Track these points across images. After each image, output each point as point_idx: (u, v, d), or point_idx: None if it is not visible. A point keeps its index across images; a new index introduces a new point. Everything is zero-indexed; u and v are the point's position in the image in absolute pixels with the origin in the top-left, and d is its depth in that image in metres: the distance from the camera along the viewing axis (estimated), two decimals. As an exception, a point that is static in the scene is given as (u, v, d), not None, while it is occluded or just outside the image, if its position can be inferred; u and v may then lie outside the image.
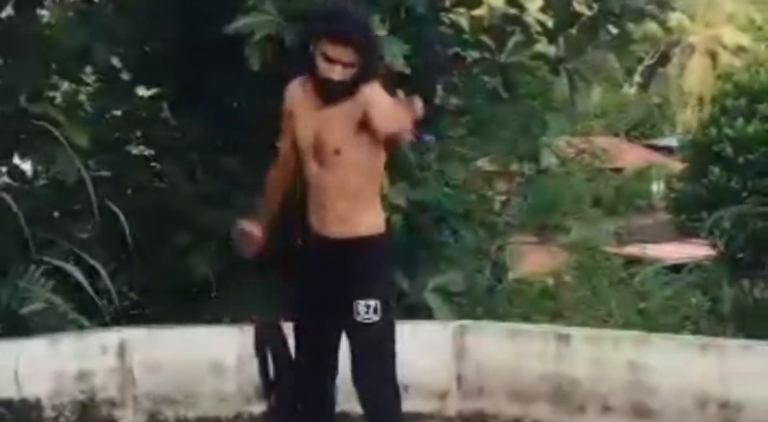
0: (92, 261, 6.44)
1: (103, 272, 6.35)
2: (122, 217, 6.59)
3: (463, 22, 8.36)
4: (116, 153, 8.24)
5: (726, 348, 5.51)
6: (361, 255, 4.02)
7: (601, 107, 33.64)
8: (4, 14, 7.81)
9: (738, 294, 17.68)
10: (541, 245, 16.69)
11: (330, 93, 3.87)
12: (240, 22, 6.36)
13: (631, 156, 32.47)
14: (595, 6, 7.88)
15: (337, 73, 3.82)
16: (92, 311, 6.33)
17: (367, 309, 3.98)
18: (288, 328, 5.12)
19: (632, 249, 20.62)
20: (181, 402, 5.62)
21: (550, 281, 15.35)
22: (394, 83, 6.98)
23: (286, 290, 4.24)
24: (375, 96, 3.80)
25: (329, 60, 3.81)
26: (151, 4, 7.94)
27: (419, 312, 7.01)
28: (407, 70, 6.48)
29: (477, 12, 8.40)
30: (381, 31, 6.43)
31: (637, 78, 43.82)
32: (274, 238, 4.15)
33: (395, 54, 6.40)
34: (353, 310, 3.98)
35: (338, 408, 4.35)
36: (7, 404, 5.24)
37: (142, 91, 8.61)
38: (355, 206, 3.99)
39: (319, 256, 4.04)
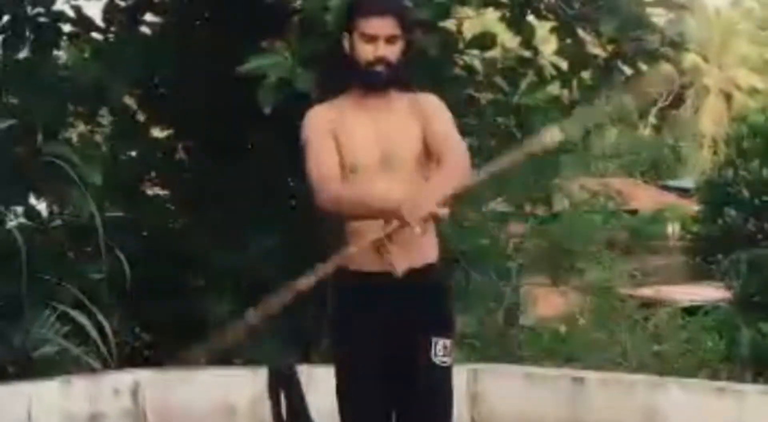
0: (101, 304, 6.42)
1: (103, 317, 6.31)
2: (125, 261, 6.56)
3: (477, 64, 8.38)
4: (131, 194, 8.25)
5: (744, 393, 5.45)
6: (434, 286, 3.67)
7: (615, 148, 33.67)
8: (20, 55, 7.87)
9: (755, 338, 17.58)
10: (555, 287, 16.64)
11: (379, 79, 3.61)
12: (253, 64, 6.37)
13: (646, 197, 32.40)
14: (609, 48, 7.89)
15: (381, 49, 3.59)
16: (105, 353, 6.31)
17: (444, 350, 3.65)
18: (302, 371, 5.10)
19: (647, 292, 20.55)
20: (194, 444, 5.59)
21: (563, 325, 15.29)
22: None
23: (331, 327, 3.80)
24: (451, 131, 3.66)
25: (369, 38, 3.59)
26: (166, 44, 7.98)
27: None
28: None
29: (490, 54, 8.41)
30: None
31: (651, 119, 43.86)
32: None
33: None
34: (429, 350, 3.62)
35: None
36: (20, 446, 5.22)
37: (157, 132, 8.64)
38: (427, 227, 3.59)
39: (383, 289, 3.61)
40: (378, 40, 3.59)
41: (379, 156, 3.61)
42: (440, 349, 3.64)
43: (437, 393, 3.70)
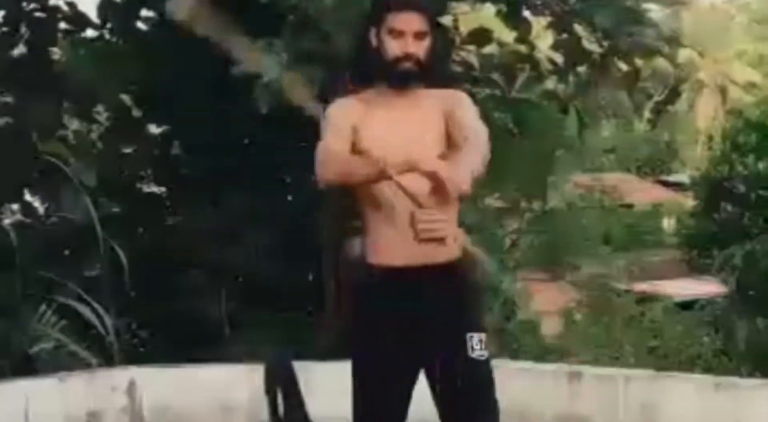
0: (98, 301, 6.41)
1: (104, 312, 6.31)
2: (124, 258, 6.54)
3: (474, 60, 8.38)
4: (127, 191, 8.25)
5: (740, 388, 5.46)
6: (461, 281, 3.52)
7: (611, 143, 33.69)
8: (16, 52, 7.86)
9: (752, 333, 17.59)
10: (552, 282, 16.67)
11: (406, 75, 3.50)
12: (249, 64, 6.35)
13: (642, 192, 32.39)
14: (605, 44, 7.90)
15: (410, 45, 3.47)
16: (102, 349, 6.31)
17: (480, 343, 3.47)
18: (299, 368, 5.08)
19: (643, 286, 20.54)
20: (191, 441, 5.59)
21: (560, 320, 15.32)
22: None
23: (352, 326, 3.62)
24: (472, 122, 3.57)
25: (397, 33, 3.48)
26: (162, 42, 7.97)
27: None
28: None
29: (487, 49, 8.42)
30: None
31: (647, 114, 43.87)
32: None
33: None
34: (466, 345, 3.45)
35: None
36: (17, 444, 5.22)
37: (153, 129, 8.63)
38: (453, 222, 3.49)
39: (411, 284, 3.48)
40: (406, 36, 3.49)
41: (401, 159, 3.42)
42: (476, 343, 3.47)
43: (481, 387, 3.51)
